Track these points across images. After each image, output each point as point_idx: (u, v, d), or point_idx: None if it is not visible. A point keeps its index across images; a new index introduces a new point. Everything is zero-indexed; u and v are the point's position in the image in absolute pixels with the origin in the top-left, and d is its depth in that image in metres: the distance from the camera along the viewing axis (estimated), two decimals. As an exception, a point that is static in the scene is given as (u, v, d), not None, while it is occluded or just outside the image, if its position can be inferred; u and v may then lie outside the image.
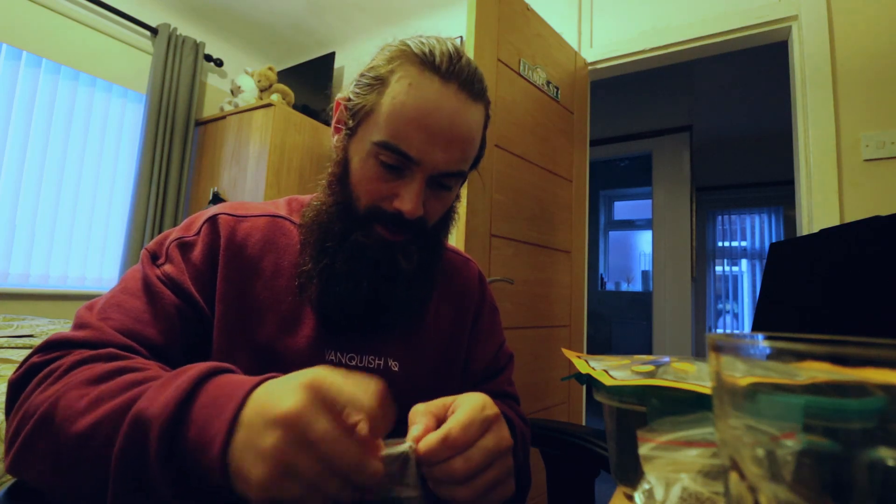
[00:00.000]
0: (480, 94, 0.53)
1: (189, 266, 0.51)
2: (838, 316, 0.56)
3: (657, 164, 3.46)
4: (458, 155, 0.51)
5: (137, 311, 0.47)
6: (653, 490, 0.30)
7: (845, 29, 1.61)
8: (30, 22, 2.22)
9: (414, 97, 0.49)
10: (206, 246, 0.52)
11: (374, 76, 0.52)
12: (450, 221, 0.60)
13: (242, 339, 0.51)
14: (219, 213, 0.55)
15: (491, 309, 0.70)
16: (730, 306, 4.97)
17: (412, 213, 0.50)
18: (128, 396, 0.36)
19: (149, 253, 0.52)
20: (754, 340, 0.19)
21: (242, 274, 0.53)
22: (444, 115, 0.49)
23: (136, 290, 0.48)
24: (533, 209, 1.66)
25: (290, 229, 0.58)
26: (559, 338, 1.80)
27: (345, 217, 0.53)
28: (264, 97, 2.64)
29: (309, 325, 0.53)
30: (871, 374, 0.15)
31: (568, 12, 2.18)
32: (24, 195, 2.22)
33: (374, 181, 0.51)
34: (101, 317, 0.46)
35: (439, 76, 0.49)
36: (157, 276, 0.49)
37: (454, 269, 0.67)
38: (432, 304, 0.62)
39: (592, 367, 0.43)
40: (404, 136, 0.49)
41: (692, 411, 0.33)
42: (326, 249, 0.53)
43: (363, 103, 0.52)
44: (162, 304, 0.48)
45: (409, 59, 0.50)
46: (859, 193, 1.54)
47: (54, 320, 1.86)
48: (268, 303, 0.53)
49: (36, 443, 0.36)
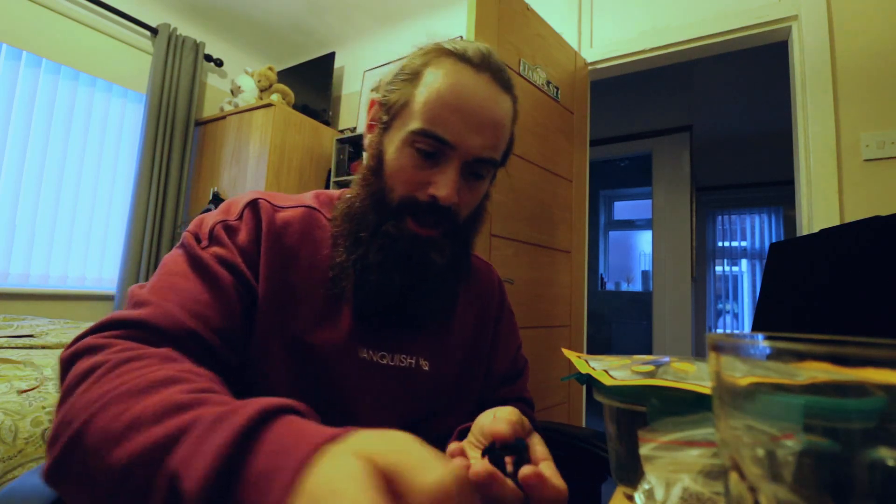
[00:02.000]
0: (509, 86, 0.55)
1: (238, 248, 0.50)
2: (838, 316, 0.56)
3: (657, 164, 3.46)
4: (491, 140, 0.52)
5: (195, 293, 0.45)
6: (653, 490, 0.30)
7: (845, 29, 1.61)
8: (30, 22, 2.22)
9: (449, 83, 0.51)
10: (251, 229, 0.52)
11: (409, 72, 0.54)
12: (480, 219, 0.60)
13: (278, 327, 0.50)
14: (258, 199, 0.55)
15: (509, 313, 0.71)
16: (730, 306, 4.97)
17: (447, 199, 0.50)
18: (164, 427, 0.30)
19: (192, 235, 0.50)
20: (754, 340, 0.19)
21: (282, 261, 0.52)
22: (479, 99, 0.51)
23: (186, 273, 0.46)
24: (533, 209, 1.66)
25: (324, 223, 0.57)
26: (559, 338, 1.80)
27: (378, 208, 0.53)
28: (264, 97, 2.64)
29: (343, 320, 0.53)
30: (871, 374, 0.15)
31: (568, 12, 2.18)
32: (24, 195, 2.22)
33: (410, 170, 0.52)
34: (161, 298, 0.43)
35: (472, 66, 0.52)
36: (210, 256, 0.48)
37: (477, 273, 0.68)
38: (458, 307, 0.62)
39: (592, 367, 0.43)
40: (441, 120, 0.50)
41: (692, 411, 0.33)
42: (360, 240, 0.53)
43: (397, 98, 0.53)
44: (220, 285, 0.46)
45: (443, 53, 0.53)
46: (859, 193, 1.54)
47: (54, 320, 1.86)
48: (303, 294, 0.53)
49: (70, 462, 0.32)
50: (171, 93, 2.63)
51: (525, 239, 1.61)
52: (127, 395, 0.32)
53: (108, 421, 0.31)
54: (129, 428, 0.30)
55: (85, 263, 2.45)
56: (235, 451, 0.26)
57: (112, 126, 2.55)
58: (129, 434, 0.30)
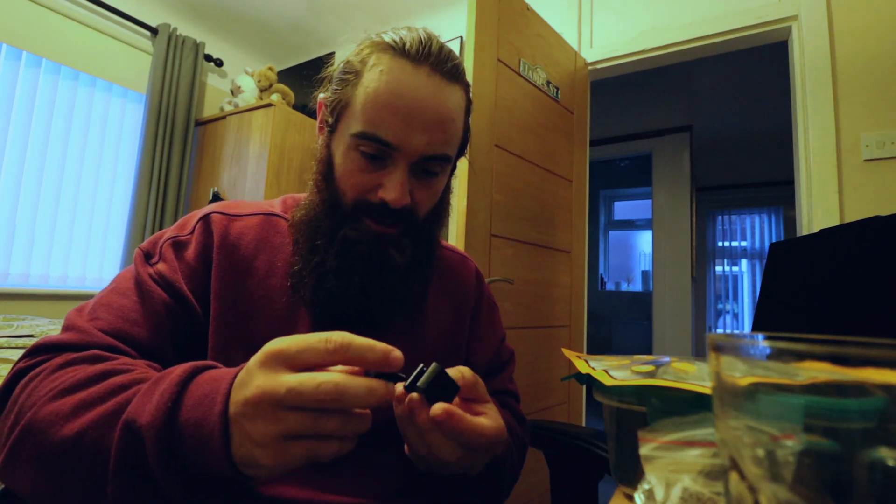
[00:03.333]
0: (455, 75, 0.52)
1: (183, 265, 0.51)
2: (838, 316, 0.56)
3: (657, 164, 3.46)
4: (438, 137, 0.50)
5: (126, 310, 0.47)
6: (653, 490, 0.30)
7: (845, 29, 1.61)
8: (30, 22, 2.22)
9: (385, 82, 0.49)
10: (200, 245, 0.52)
11: (348, 70, 0.52)
12: (443, 214, 0.59)
13: (238, 338, 0.51)
14: (212, 213, 0.55)
15: (490, 306, 0.70)
16: (730, 306, 4.97)
17: (397, 202, 0.49)
18: (114, 402, 0.36)
19: (142, 252, 0.52)
20: (754, 340, 0.19)
21: (237, 273, 0.52)
22: (418, 96, 0.49)
23: (128, 290, 0.49)
24: (533, 209, 1.66)
25: (284, 228, 0.57)
26: (559, 338, 1.80)
27: (333, 213, 0.53)
28: (264, 97, 2.64)
29: (304, 324, 0.53)
30: (871, 374, 0.15)
31: (568, 12, 2.18)
32: (24, 195, 2.22)
33: (357, 174, 0.51)
34: (89, 318, 0.46)
35: (409, 60, 0.49)
36: (149, 274, 0.49)
37: (450, 267, 0.67)
38: (430, 302, 0.61)
39: (592, 367, 0.43)
40: (380, 122, 0.48)
41: (692, 411, 0.33)
42: (317, 248, 0.52)
43: (339, 98, 0.52)
44: (152, 303, 0.47)
45: (380, 48, 0.51)
46: (859, 193, 1.54)
47: (54, 320, 1.86)
48: (262, 302, 0.53)
49: (21, 450, 0.36)
50: (171, 93, 2.63)
51: (525, 239, 1.61)
52: (70, 388, 0.37)
53: (57, 407, 0.36)
54: (77, 408, 0.36)
55: (85, 263, 2.45)
56: (179, 389, 0.35)
57: (112, 126, 2.55)
58: (78, 412, 0.36)
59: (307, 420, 0.32)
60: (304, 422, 0.31)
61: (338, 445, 0.33)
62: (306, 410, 0.32)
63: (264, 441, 0.31)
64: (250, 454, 0.32)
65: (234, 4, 2.74)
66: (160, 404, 0.33)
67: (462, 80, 0.54)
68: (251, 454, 0.32)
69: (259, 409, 0.31)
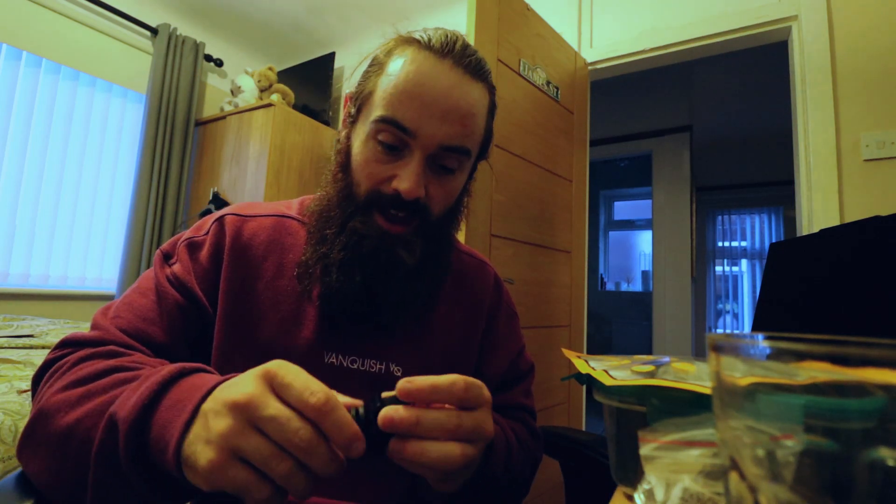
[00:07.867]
0: (479, 73, 0.52)
1: (196, 265, 0.52)
2: (838, 316, 0.56)
3: (657, 164, 3.46)
4: (457, 128, 0.50)
5: (145, 310, 0.48)
6: (653, 490, 0.30)
7: (845, 29, 1.61)
8: (30, 22, 2.22)
9: (408, 71, 0.49)
10: (213, 245, 0.53)
11: (375, 63, 0.53)
12: (457, 215, 0.58)
13: (243, 338, 0.51)
14: (226, 214, 0.56)
15: (508, 314, 0.67)
16: (730, 306, 4.97)
17: (410, 193, 0.48)
18: (111, 395, 0.38)
19: (162, 253, 0.53)
20: (754, 340, 0.19)
21: (246, 273, 0.53)
22: (439, 85, 0.49)
23: (148, 290, 0.50)
24: (533, 209, 1.66)
25: (297, 229, 0.57)
26: (559, 338, 1.80)
27: (346, 204, 0.52)
28: (264, 97, 2.64)
29: (310, 325, 0.53)
30: (871, 374, 0.15)
31: (568, 12, 2.18)
32: (24, 195, 2.22)
33: (373, 163, 0.51)
34: (113, 317, 0.48)
35: (434, 53, 0.50)
36: (165, 275, 0.51)
37: (467, 271, 0.64)
38: (441, 307, 0.59)
39: (592, 367, 0.43)
40: (399, 107, 0.49)
41: (692, 411, 0.33)
42: (325, 237, 0.52)
43: (362, 89, 0.53)
44: (166, 304, 0.49)
45: (406, 41, 0.52)
46: (859, 193, 1.54)
47: (54, 320, 1.86)
48: (269, 303, 0.53)
49: (32, 434, 0.39)
50: (171, 93, 2.63)
51: (525, 239, 1.61)
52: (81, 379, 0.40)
53: (66, 396, 0.39)
54: (82, 398, 0.38)
55: (85, 263, 2.44)
56: (160, 389, 0.35)
57: (112, 126, 2.55)
58: (81, 402, 0.38)
59: (265, 450, 0.30)
60: (262, 450, 0.30)
61: (269, 492, 0.31)
62: (270, 441, 0.30)
63: (216, 440, 0.30)
64: (194, 451, 0.31)
65: (234, 4, 2.74)
66: (138, 401, 0.34)
67: (486, 80, 0.53)
68: (195, 451, 0.31)
69: (235, 411, 0.31)
